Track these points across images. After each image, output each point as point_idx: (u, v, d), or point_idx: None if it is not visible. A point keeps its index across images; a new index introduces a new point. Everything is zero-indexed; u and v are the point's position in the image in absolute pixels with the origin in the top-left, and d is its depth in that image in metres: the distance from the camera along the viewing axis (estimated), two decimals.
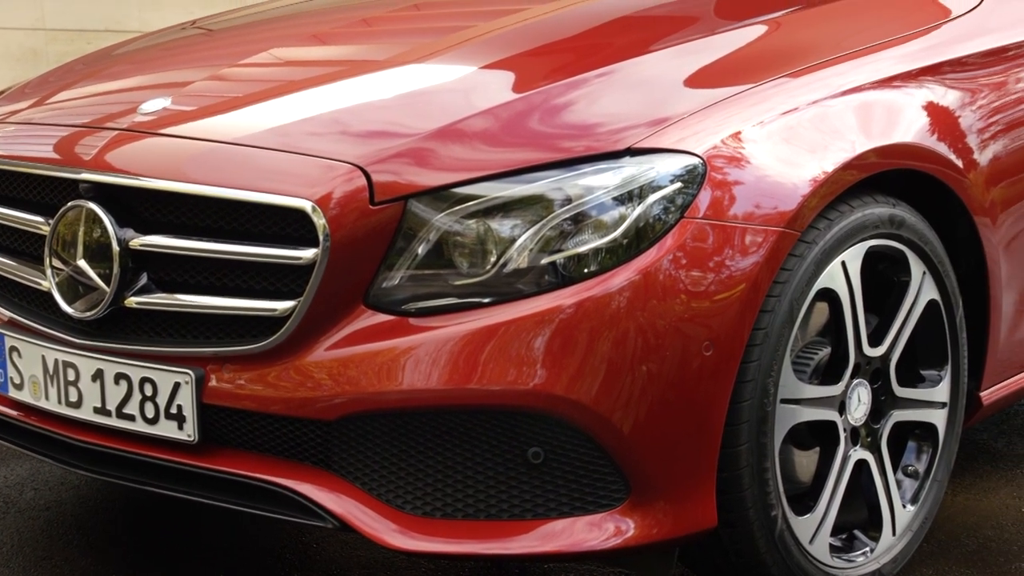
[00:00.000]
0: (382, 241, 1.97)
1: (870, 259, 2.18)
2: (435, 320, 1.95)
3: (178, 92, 2.32)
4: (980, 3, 2.49)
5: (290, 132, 2.10)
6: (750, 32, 2.35)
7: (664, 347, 1.94)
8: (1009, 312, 2.44)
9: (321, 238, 1.95)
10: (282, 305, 1.98)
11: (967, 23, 2.45)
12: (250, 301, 2.01)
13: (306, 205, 1.95)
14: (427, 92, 2.22)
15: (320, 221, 1.95)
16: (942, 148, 2.26)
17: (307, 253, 1.96)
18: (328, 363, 1.97)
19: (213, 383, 2.03)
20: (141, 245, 2.07)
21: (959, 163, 2.28)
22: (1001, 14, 2.51)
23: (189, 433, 2.05)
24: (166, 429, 2.07)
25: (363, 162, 1.98)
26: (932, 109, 2.29)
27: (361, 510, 1.98)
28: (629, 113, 2.05)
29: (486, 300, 1.95)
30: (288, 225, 1.98)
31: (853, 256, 2.14)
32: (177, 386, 2.05)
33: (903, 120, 2.24)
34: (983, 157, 2.33)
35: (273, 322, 1.99)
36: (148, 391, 2.07)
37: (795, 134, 2.09)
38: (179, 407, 2.05)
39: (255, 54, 2.60)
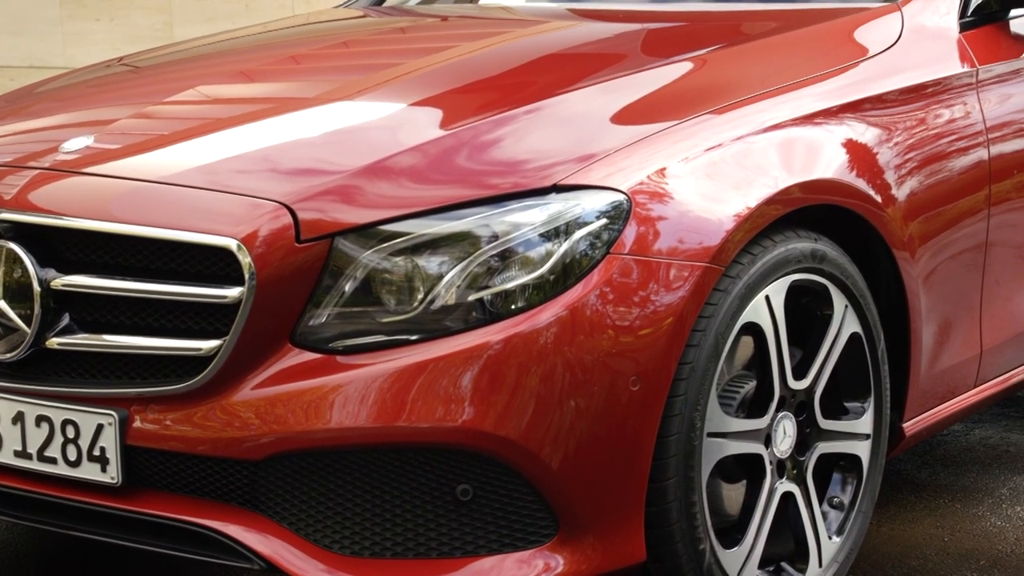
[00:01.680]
0: (309, 279, 1.96)
1: (793, 293, 2.21)
2: (363, 358, 1.95)
3: (101, 130, 2.30)
4: (896, 42, 2.54)
5: (215, 170, 2.09)
6: (676, 69, 2.38)
7: (592, 382, 1.95)
8: (929, 344, 2.48)
9: (246, 276, 1.94)
10: (207, 344, 1.96)
11: (884, 61, 2.50)
12: (175, 341, 1.99)
13: (231, 243, 1.94)
14: (355, 129, 2.22)
15: (245, 259, 1.94)
16: (861, 183, 2.30)
17: (232, 292, 1.95)
18: (255, 402, 1.96)
19: (137, 424, 2.01)
20: (63, 285, 2.05)
21: (878, 198, 2.32)
22: (917, 52, 2.56)
23: (112, 475, 2.02)
24: (89, 472, 2.04)
25: (289, 200, 1.98)
26: (852, 145, 2.33)
27: (288, 550, 1.96)
28: (556, 150, 2.07)
29: (414, 337, 1.95)
30: (213, 264, 1.97)
31: (777, 290, 2.17)
32: (100, 428, 2.02)
33: (824, 156, 2.28)
34: (901, 192, 2.38)
35: (198, 361, 1.98)
36: (70, 433, 2.04)
37: (719, 170, 2.12)
38: (102, 449, 2.02)
39: (181, 91, 2.58)
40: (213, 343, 1.96)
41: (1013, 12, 2.73)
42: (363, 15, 3.29)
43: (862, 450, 2.37)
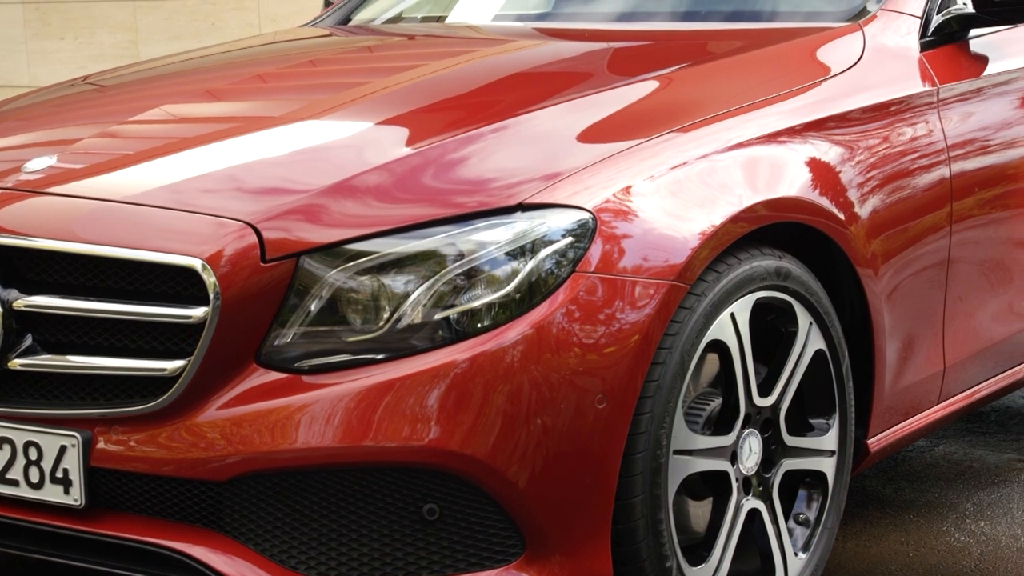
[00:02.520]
0: (274, 298, 1.96)
1: (758, 310, 2.22)
2: (329, 377, 1.94)
3: (65, 150, 2.29)
4: (858, 61, 2.56)
5: (181, 189, 2.08)
6: (642, 88, 2.39)
7: (558, 400, 1.95)
8: (893, 361, 2.50)
9: (211, 296, 1.93)
10: (172, 364, 1.96)
11: (847, 80, 2.53)
12: (139, 361, 1.98)
13: (196, 263, 1.94)
14: (322, 148, 2.22)
15: (210, 279, 1.93)
16: (824, 201, 2.32)
17: (197, 312, 1.94)
18: (220, 422, 1.95)
19: (101, 445, 1.99)
20: (26, 306, 2.03)
21: (841, 216, 2.34)
22: (879, 72, 2.59)
23: (76, 497, 2.00)
24: (51, 494, 2.02)
25: (254, 219, 1.97)
26: (815, 164, 2.35)
27: (254, 572, 1.95)
28: (522, 168, 2.08)
29: (380, 356, 1.95)
30: (178, 283, 1.96)
31: (742, 308, 2.18)
32: (63, 449, 2.00)
33: (787, 174, 2.30)
34: (864, 210, 2.39)
35: (163, 382, 1.97)
36: (33, 455, 2.02)
37: (684, 188, 2.13)
38: (65, 471, 2.00)
39: (147, 110, 2.57)
40: (178, 363, 1.95)
41: (973, 32, 2.76)
42: (329, 34, 3.29)
43: (827, 466, 2.39)
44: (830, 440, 2.38)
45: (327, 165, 2.13)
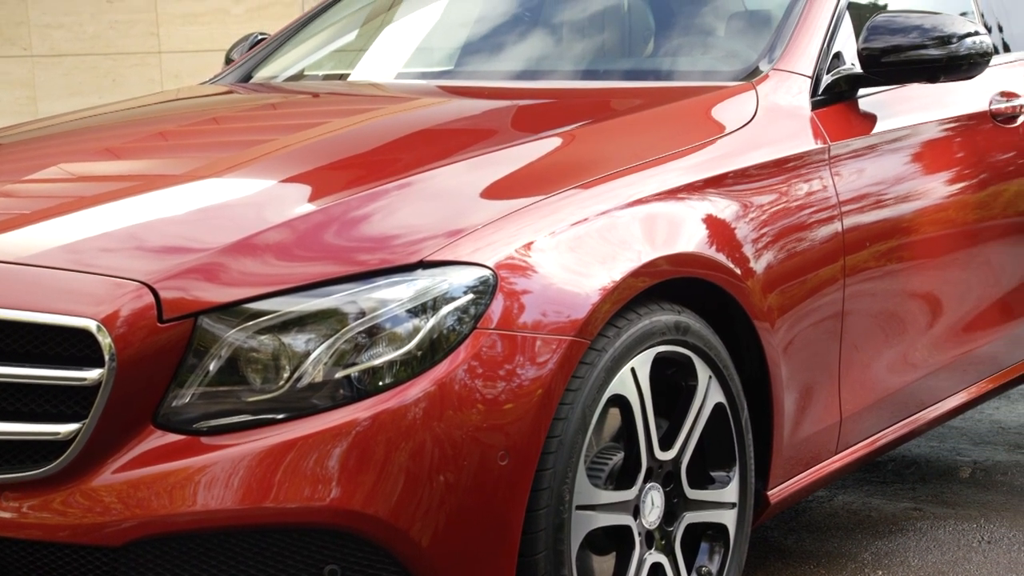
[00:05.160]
0: (172, 359, 1.93)
1: (658, 365, 2.25)
2: (228, 438, 1.92)
3: None
4: (752, 119, 2.62)
5: (77, 249, 2.05)
6: (545, 144, 2.42)
7: (461, 457, 1.95)
8: (791, 412, 2.54)
9: (107, 358, 1.90)
10: (65, 428, 1.92)
11: (741, 138, 2.58)
12: (31, 425, 1.93)
13: (90, 324, 1.91)
14: (222, 207, 2.21)
15: (105, 340, 1.90)
16: (721, 257, 2.36)
17: (92, 374, 1.91)
18: (117, 486, 1.91)
19: None
20: None
21: (738, 271, 2.38)
22: (772, 130, 2.64)
23: None
24: None
25: (151, 279, 1.95)
26: (712, 220, 2.39)
27: None
28: (425, 225, 2.08)
29: (280, 416, 1.93)
30: (72, 345, 1.93)
31: (642, 362, 2.20)
32: None
33: (686, 230, 2.34)
34: (759, 264, 2.44)
35: (56, 446, 1.93)
36: None
37: (585, 244, 2.16)
38: None
39: (44, 169, 2.54)
40: (72, 427, 1.91)
41: (861, 91, 2.85)
42: (230, 91, 3.28)
43: (728, 519, 2.41)
44: (731, 493, 2.40)
45: (228, 223, 2.11)
